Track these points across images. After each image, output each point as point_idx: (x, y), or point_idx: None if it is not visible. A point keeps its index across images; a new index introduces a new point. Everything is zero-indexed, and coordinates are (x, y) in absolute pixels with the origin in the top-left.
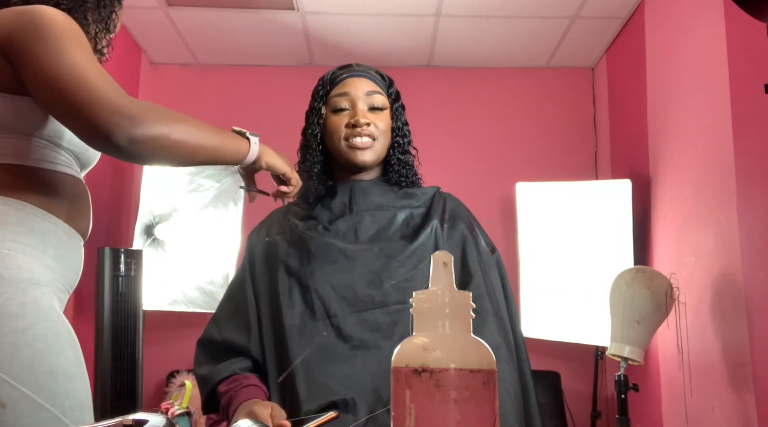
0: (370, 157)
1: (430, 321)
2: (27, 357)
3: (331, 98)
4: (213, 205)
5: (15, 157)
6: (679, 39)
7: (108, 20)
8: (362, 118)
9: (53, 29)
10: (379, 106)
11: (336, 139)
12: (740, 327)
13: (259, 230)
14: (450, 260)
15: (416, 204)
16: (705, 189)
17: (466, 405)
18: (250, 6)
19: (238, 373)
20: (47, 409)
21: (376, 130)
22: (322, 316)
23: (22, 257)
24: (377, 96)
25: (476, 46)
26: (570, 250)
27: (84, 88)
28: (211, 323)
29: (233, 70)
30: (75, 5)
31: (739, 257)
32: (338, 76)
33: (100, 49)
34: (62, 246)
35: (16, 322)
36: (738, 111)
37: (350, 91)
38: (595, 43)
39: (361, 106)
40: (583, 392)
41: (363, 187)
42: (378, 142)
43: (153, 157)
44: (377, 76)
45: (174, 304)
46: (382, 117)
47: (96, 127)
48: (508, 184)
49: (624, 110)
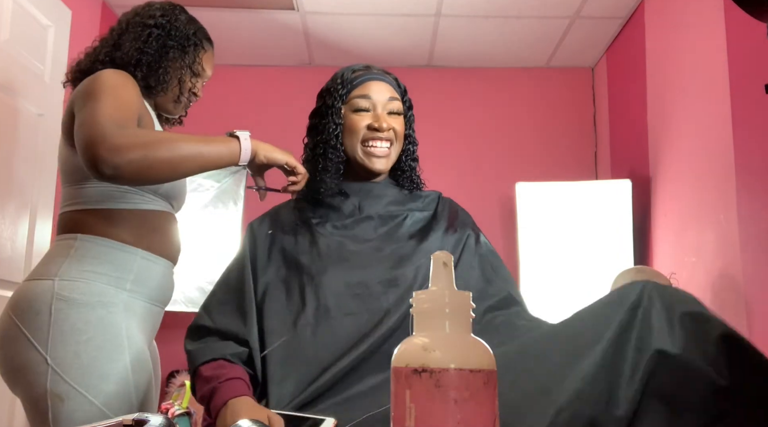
0: (385, 165)
1: (430, 321)
2: (84, 363)
3: (352, 99)
4: (213, 205)
5: (95, 203)
6: (679, 39)
7: (193, 65)
8: (384, 122)
9: (99, 87)
10: (398, 112)
11: (355, 139)
12: (740, 327)
13: (261, 222)
14: (450, 260)
15: (422, 206)
16: (705, 189)
17: (466, 405)
18: (250, 6)
19: (228, 358)
20: (96, 405)
21: (393, 136)
22: (337, 314)
23: (96, 284)
24: (396, 102)
25: (476, 46)
26: (570, 250)
27: (86, 130)
28: (202, 311)
29: (233, 70)
30: (156, 59)
31: (739, 257)
32: (359, 77)
33: (194, 92)
34: (141, 270)
35: (80, 335)
36: (738, 111)
37: (372, 94)
38: (595, 43)
39: (381, 110)
40: None
41: (372, 189)
42: (393, 149)
43: (140, 177)
44: (395, 83)
45: (174, 304)
46: (400, 122)
47: (88, 162)
48: (508, 184)
49: (624, 110)
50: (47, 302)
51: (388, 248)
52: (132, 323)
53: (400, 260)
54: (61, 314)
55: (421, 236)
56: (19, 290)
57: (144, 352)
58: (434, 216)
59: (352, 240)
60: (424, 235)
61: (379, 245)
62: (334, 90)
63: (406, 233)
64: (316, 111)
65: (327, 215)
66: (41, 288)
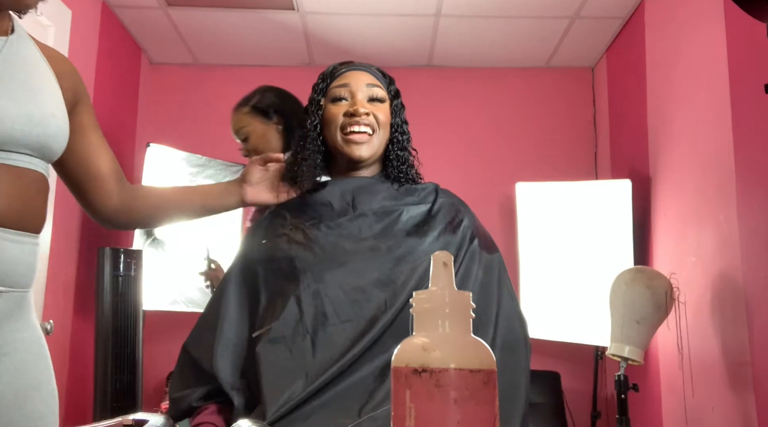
0: (367, 151)
1: (430, 321)
2: None
3: (331, 89)
4: None
5: None
6: (679, 39)
7: None
8: (361, 107)
9: None
10: (379, 98)
11: (333, 128)
12: (740, 327)
13: (254, 234)
14: (450, 260)
15: (417, 200)
16: (705, 189)
17: (466, 405)
18: (250, 6)
19: (193, 405)
20: None
21: (374, 122)
22: (335, 321)
23: None
24: (377, 89)
25: (476, 46)
26: (570, 250)
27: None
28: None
29: (233, 70)
30: None
31: (739, 257)
32: (339, 70)
33: None
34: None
35: None
36: (738, 111)
37: (350, 82)
38: (595, 43)
39: (360, 97)
40: (583, 392)
41: (365, 185)
42: (376, 136)
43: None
44: (378, 73)
45: (174, 304)
46: (382, 109)
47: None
48: (508, 184)
49: (624, 110)
50: None
51: (384, 246)
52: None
53: (397, 261)
54: None
55: (418, 233)
56: None
57: None
58: (430, 211)
59: (348, 239)
60: (421, 232)
61: (375, 244)
62: (316, 85)
63: (403, 230)
64: (304, 111)
65: (320, 213)
66: None
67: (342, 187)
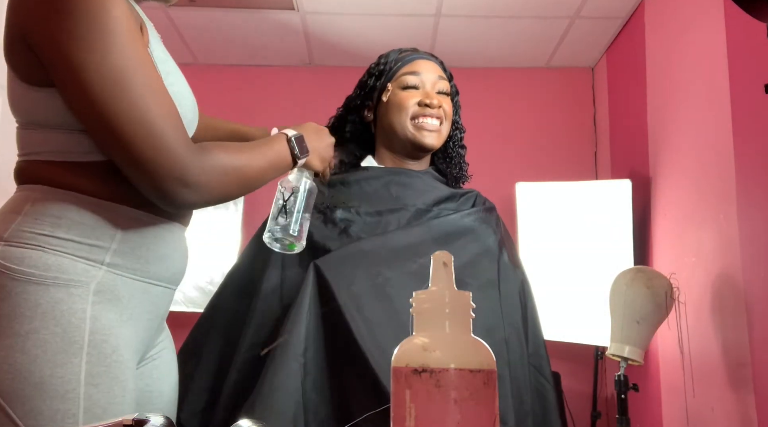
0: (436, 140)
1: (430, 321)
2: (17, 364)
3: (401, 76)
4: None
5: (63, 154)
6: (679, 39)
7: None
8: (435, 99)
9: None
10: (446, 92)
11: (404, 115)
12: (740, 327)
13: None
14: (450, 260)
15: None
16: (705, 189)
17: (466, 405)
18: (250, 6)
19: None
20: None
21: (443, 114)
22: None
23: (55, 255)
24: (445, 82)
25: (476, 46)
26: (570, 250)
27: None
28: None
29: (233, 70)
30: None
31: (739, 257)
32: (407, 56)
33: None
34: (129, 235)
35: (21, 324)
36: (738, 111)
37: (422, 71)
38: (595, 43)
39: (430, 88)
40: (583, 392)
41: (414, 182)
42: (443, 127)
43: (210, 203)
44: (442, 65)
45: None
46: (449, 102)
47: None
48: (508, 184)
49: (624, 110)
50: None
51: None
52: (108, 313)
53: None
54: (1, 292)
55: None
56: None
57: (122, 356)
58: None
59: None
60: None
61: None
62: (380, 69)
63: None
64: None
65: (359, 205)
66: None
67: (388, 176)
